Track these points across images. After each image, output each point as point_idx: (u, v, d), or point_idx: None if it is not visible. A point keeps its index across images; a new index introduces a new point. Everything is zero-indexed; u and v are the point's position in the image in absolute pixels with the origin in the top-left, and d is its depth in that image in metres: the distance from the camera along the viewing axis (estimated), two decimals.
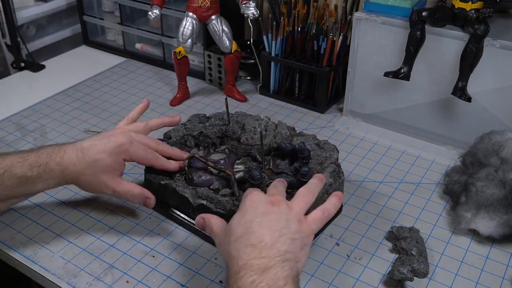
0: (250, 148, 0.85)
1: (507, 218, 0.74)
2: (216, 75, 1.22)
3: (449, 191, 0.86)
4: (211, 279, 0.71)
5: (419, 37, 0.90)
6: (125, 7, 1.34)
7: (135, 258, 0.74)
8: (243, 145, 0.85)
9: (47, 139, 1.02)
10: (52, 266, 0.73)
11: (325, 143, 0.86)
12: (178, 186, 0.78)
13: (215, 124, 0.90)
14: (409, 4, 0.95)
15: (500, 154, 0.79)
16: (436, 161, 0.96)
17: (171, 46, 1.27)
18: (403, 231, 0.76)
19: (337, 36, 1.06)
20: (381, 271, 0.73)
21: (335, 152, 0.84)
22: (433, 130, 1.00)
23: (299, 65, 1.11)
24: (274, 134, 0.86)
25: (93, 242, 0.77)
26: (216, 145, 0.88)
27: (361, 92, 1.05)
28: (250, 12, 1.04)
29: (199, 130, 0.89)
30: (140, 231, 0.79)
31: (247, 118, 0.90)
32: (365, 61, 1.01)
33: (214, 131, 0.88)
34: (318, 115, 1.12)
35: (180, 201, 0.78)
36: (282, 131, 0.87)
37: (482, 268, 0.74)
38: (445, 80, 0.93)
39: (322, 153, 0.83)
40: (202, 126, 0.90)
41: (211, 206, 0.74)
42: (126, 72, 1.31)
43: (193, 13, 1.09)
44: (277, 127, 0.88)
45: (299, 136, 0.88)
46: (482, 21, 0.84)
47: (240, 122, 0.89)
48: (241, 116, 0.91)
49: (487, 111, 0.92)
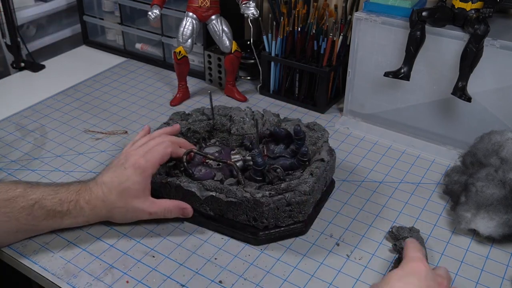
0: (241, 138, 0.88)
1: (507, 218, 0.74)
2: (216, 75, 1.22)
3: (449, 191, 0.86)
4: (211, 279, 0.71)
5: (419, 37, 0.90)
6: (125, 7, 1.34)
7: (135, 258, 0.74)
8: (235, 135, 0.88)
9: (47, 139, 1.02)
10: (52, 266, 0.73)
11: (314, 124, 0.89)
12: (182, 182, 0.78)
13: (199, 120, 0.91)
14: (409, 4, 0.95)
15: (500, 154, 0.79)
16: (436, 161, 0.96)
17: (171, 46, 1.27)
18: (403, 231, 0.76)
19: (337, 36, 1.06)
20: (381, 271, 0.73)
21: (325, 132, 0.87)
22: (433, 130, 1.00)
23: (299, 65, 1.11)
24: (263, 122, 0.89)
25: (93, 242, 0.77)
26: (206, 140, 0.90)
27: (361, 92, 1.05)
28: (250, 12, 1.04)
29: (186, 126, 0.89)
30: (140, 231, 0.79)
31: (230, 110, 0.92)
32: (365, 61, 1.01)
33: (202, 125, 0.90)
34: (318, 115, 1.12)
35: (186, 197, 0.78)
36: (270, 118, 0.90)
37: (482, 268, 0.74)
38: (445, 80, 0.93)
39: (314, 134, 0.87)
40: (186, 123, 0.90)
41: (221, 197, 0.75)
42: (126, 72, 1.31)
43: (193, 13, 1.09)
44: (264, 116, 0.91)
45: (286, 121, 0.91)
46: (482, 21, 0.84)
47: (224, 115, 0.91)
48: (223, 109, 0.93)
49: (487, 111, 0.92)
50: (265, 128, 0.88)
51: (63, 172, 0.92)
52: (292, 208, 0.76)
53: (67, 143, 1.01)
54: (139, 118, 1.10)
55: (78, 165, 0.94)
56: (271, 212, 0.74)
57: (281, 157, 0.83)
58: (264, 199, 0.73)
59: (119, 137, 1.03)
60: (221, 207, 0.77)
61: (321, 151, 0.83)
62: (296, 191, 0.75)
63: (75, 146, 1.00)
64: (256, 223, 0.75)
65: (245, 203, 0.74)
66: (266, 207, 0.73)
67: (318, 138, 0.86)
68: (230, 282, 0.71)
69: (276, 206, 0.74)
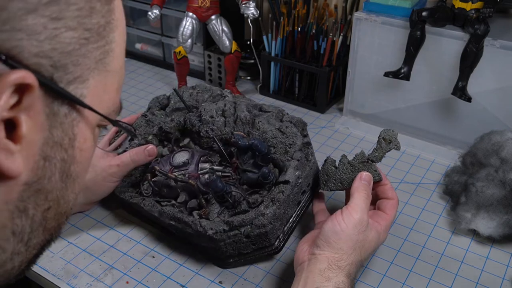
0: (211, 141, 0.79)
1: (507, 218, 0.74)
2: (216, 75, 1.22)
3: (449, 191, 0.86)
4: (211, 280, 0.71)
5: (419, 37, 0.89)
6: (125, 7, 1.33)
7: (135, 259, 0.74)
8: (204, 138, 0.80)
9: None
10: (52, 267, 0.73)
11: (287, 126, 0.78)
12: (146, 205, 0.75)
13: (177, 108, 0.86)
14: (409, 4, 0.95)
15: (500, 154, 0.79)
16: (436, 161, 0.96)
17: (171, 46, 1.27)
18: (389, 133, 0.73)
19: (337, 36, 1.06)
20: (382, 271, 0.73)
21: (298, 137, 0.77)
22: (433, 130, 1.00)
23: (299, 65, 1.11)
24: (234, 119, 0.80)
25: (93, 243, 0.77)
26: (179, 139, 0.83)
27: (361, 92, 1.05)
28: (250, 12, 1.04)
29: (158, 125, 0.83)
30: (140, 231, 0.79)
31: (205, 96, 0.87)
32: (365, 61, 1.01)
33: (173, 125, 0.82)
34: (318, 115, 1.12)
35: (152, 218, 0.75)
36: (241, 114, 0.79)
37: (482, 268, 0.74)
38: (445, 80, 0.93)
39: (286, 140, 0.76)
40: (162, 117, 0.85)
41: (180, 226, 0.71)
42: (126, 72, 1.30)
43: (193, 13, 1.09)
44: (236, 110, 0.81)
45: (263, 113, 0.82)
46: (482, 21, 0.84)
47: (197, 108, 0.84)
48: (201, 93, 0.88)
49: (487, 111, 0.92)
50: (236, 128, 0.79)
51: None
52: (253, 240, 0.69)
53: None
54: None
55: None
56: (229, 246, 0.70)
57: (247, 171, 0.74)
58: (218, 235, 0.68)
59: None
60: (184, 234, 0.73)
61: (287, 167, 0.73)
62: (253, 225, 0.68)
63: None
64: (218, 253, 0.71)
65: (202, 235, 0.69)
66: (222, 243, 0.69)
67: (290, 145, 0.75)
68: (230, 283, 0.71)
69: (233, 240, 0.69)
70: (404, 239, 0.78)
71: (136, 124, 0.85)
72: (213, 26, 1.10)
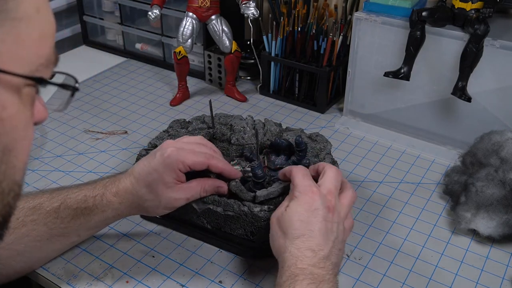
0: (241, 148, 0.84)
1: (507, 218, 0.74)
2: (216, 75, 1.22)
3: (449, 191, 0.86)
4: (211, 279, 0.71)
5: (419, 37, 0.90)
6: (125, 7, 1.34)
7: (135, 258, 0.74)
8: (234, 145, 0.84)
9: (47, 139, 1.02)
10: (52, 266, 0.73)
11: (317, 135, 0.86)
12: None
13: (199, 128, 0.87)
14: (409, 4, 0.95)
15: (500, 154, 0.79)
16: (436, 161, 0.96)
17: (171, 46, 1.27)
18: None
19: (337, 36, 1.06)
20: (381, 271, 0.73)
21: (328, 143, 0.84)
22: (433, 130, 1.00)
23: (299, 65, 1.11)
24: (264, 131, 0.85)
25: (93, 242, 0.77)
26: None
27: (361, 92, 1.05)
28: (250, 12, 1.04)
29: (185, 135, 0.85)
30: (140, 231, 0.79)
31: (231, 118, 0.89)
32: (365, 61, 1.01)
33: (202, 134, 0.85)
34: (318, 115, 1.12)
35: (182, 209, 0.75)
36: (271, 128, 0.87)
37: (482, 268, 0.74)
38: (445, 80, 0.93)
39: (316, 145, 0.83)
40: (185, 132, 0.87)
41: (218, 210, 0.73)
42: (126, 72, 1.31)
43: (193, 13, 1.09)
44: (265, 125, 0.87)
45: (288, 131, 0.88)
46: (482, 21, 0.84)
47: (224, 124, 0.87)
48: (224, 118, 0.90)
49: (487, 111, 0.92)
50: (266, 138, 0.85)
51: (63, 172, 0.92)
52: None
53: (67, 143, 1.01)
54: (139, 118, 1.10)
55: (78, 165, 0.94)
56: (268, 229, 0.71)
57: (281, 168, 0.77)
58: (263, 213, 0.70)
59: (119, 137, 1.03)
60: (218, 221, 0.74)
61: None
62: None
63: (75, 146, 1.00)
64: (254, 237, 0.72)
65: (242, 217, 0.72)
66: (264, 222, 0.71)
67: (320, 150, 0.82)
68: (230, 282, 0.71)
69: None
70: (404, 239, 0.78)
71: (157, 137, 0.86)
72: (213, 26, 1.10)
